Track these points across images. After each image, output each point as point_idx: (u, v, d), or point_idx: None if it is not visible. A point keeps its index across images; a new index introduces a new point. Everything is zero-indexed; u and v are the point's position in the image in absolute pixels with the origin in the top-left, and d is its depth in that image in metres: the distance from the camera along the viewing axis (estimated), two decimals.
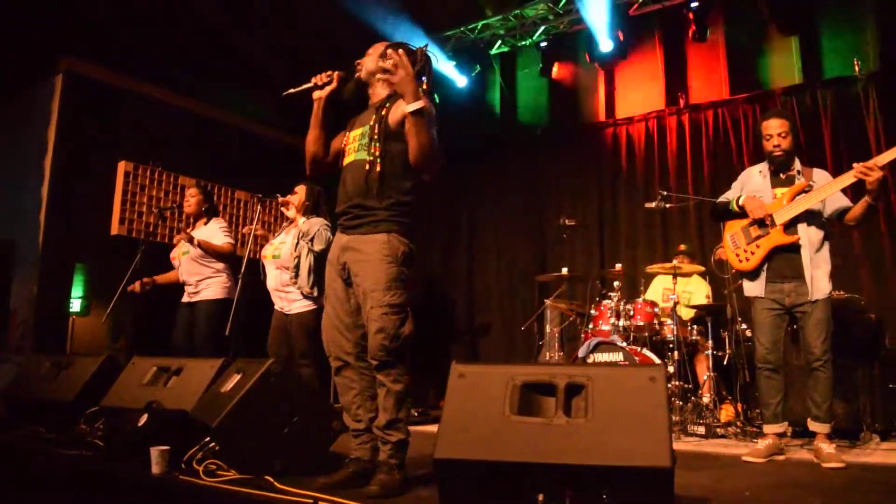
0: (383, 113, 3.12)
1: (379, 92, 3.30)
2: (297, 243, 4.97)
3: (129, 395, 3.92)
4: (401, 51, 3.05)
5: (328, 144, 3.38)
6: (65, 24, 6.68)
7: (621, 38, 7.64)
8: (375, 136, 3.10)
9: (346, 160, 3.25)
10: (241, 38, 7.00)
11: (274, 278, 5.13)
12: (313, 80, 3.29)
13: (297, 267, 4.95)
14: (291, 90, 3.33)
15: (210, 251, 5.34)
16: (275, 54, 7.12)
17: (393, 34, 6.90)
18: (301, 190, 5.19)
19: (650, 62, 8.07)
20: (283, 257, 5.07)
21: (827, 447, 4.01)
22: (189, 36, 6.92)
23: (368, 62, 3.29)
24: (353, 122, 3.35)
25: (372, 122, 3.13)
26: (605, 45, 7.69)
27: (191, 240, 5.27)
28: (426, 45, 3.31)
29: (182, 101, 7.96)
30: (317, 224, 4.98)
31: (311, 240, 4.89)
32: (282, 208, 5.19)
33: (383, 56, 3.23)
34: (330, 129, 3.38)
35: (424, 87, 3.23)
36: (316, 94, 3.30)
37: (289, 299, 5.06)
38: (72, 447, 3.70)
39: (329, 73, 3.29)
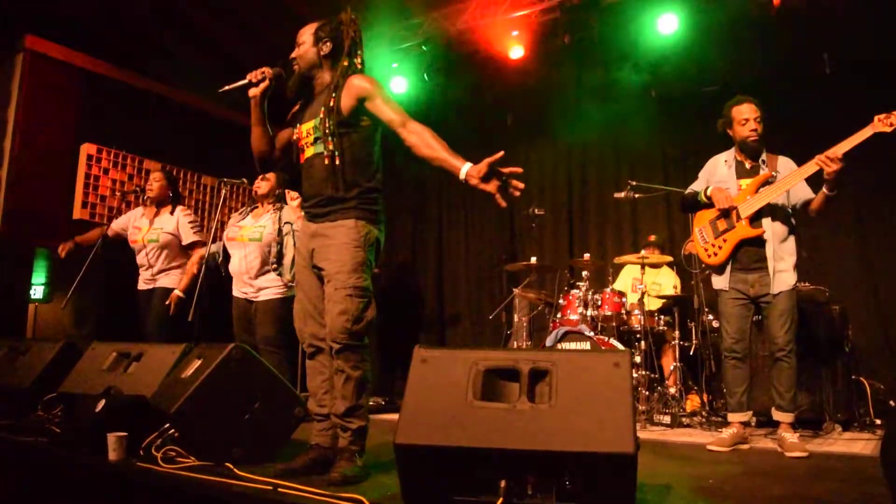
0: (332, 105, 3.04)
1: (323, 77, 3.22)
2: (280, 230, 4.90)
3: (88, 381, 3.85)
4: None
5: (273, 140, 3.35)
6: (27, 3, 6.52)
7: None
8: (328, 130, 3.04)
9: (305, 155, 3.20)
10: (207, 19, 6.88)
11: (243, 261, 5.00)
12: (248, 77, 3.23)
13: (279, 254, 4.88)
14: (227, 86, 3.27)
15: (194, 282, 5.15)
16: (243, 37, 7.02)
17: (363, 15, 6.82)
18: (272, 177, 5.12)
19: None
20: (265, 240, 4.97)
21: (790, 436, 4.05)
22: (155, 17, 6.80)
23: (305, 54, 3.21)
24: (301, 113, 3.27)
25: (322, 115, 3.06)
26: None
27: (180, 301, 5.23)
28: (349, 10, 3.23)
29: (148, 83, 7.82)
30: (291, 213, 4.93)
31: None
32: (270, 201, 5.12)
33: (317, 42, 3.18)
34: (277, 123, 3.36)
35: (357, 62, 3.19)
36: (251, 92, 3.23)
37: (257, 285, 4.98)
38: (28, 434, 3.63)
39: (262, 70, 3.22)
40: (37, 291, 7.32)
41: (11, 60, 6.91)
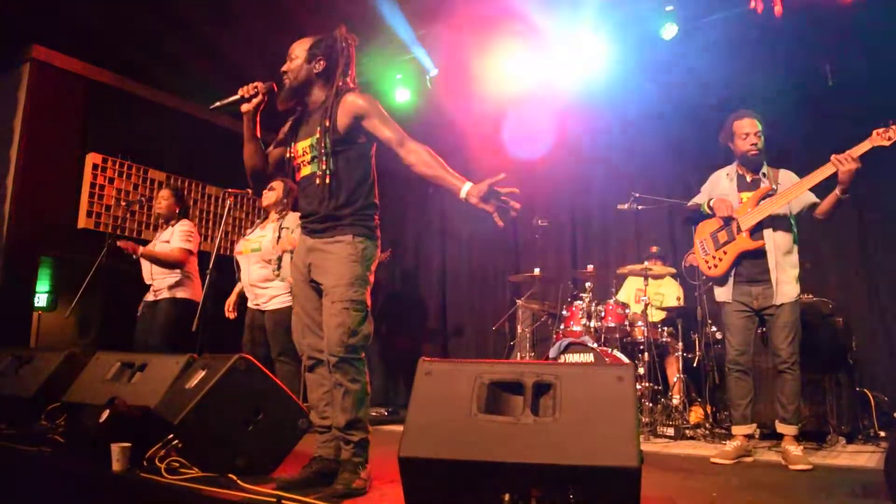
0: (327, 124, 3.04)
1: (316, 95, 3.19)
2: (279, 237, 4.93)
3: (92, 391, 3.83)
4: None
5: (266, 156, 3.30)
6: (34, 12, 6.55)
7: None
8: (324, 149, 3.04)
9: (301, 173, 3.19)
10: (213, 30, 6.90)
11: (251, 273, 5.07)
12: (240, 92, 3.16)
13: (280, 260, 4.91)
14: (218, 102, 3.20)
15: (156, 261, 5.27)
16: (248, 48, 7.03)
17: (373, 30, 6.82)
18: (279, 186, 5.14)
19: None
20: (264, 250, 5.01)
21: (794, 449, 4.04)
22: (161, 27, 6.81)
23: (298, 69, 3.16)
24: (295, 131, 3.25)
25: (318, 135, 3.05)
26: None
27: (134, 251, 5.21)
28: (344, 27, 3.20)
29: (153, 93, 7.84)
30: (294, 218, 4.95)
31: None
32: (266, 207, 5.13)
33: (311, 59, 3.14)
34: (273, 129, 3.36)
35: (350, 80, 3.17)
36: (244, 108, 3.16)
37: (266, 295, 5.01)
38: (31, 443, 3.63)
39: (254, 85, 3.15)
40: (41, 300, 7.32)
41: (18, 70, 6.93)
